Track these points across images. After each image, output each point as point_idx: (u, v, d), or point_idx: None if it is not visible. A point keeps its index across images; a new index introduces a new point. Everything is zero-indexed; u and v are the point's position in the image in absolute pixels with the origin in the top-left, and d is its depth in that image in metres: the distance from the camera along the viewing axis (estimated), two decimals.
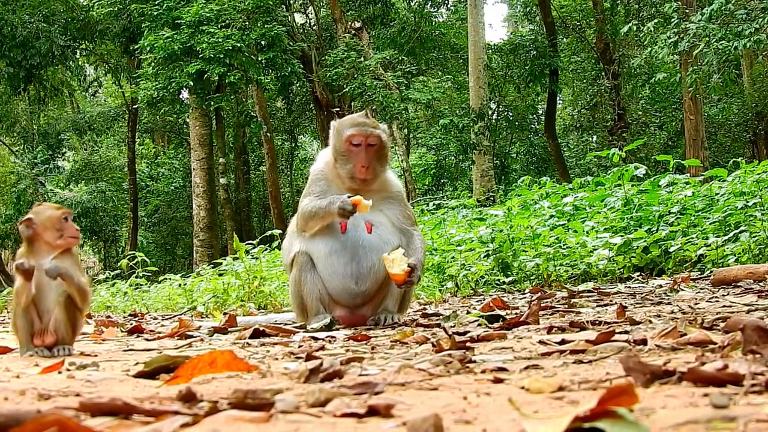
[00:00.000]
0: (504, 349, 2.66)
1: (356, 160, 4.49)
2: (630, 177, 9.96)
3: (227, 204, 23.74)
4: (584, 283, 7.61)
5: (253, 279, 8.07)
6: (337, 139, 4.58)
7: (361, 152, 4.49)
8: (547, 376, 1.93)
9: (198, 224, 21.92)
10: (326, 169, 4.68)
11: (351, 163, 4.49)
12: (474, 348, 2.68)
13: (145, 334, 4.75)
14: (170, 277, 10.62)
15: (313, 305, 4.52)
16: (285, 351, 3.05)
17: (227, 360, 2.20)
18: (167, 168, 33.85)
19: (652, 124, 26.67)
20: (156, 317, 7.80)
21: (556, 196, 11.71)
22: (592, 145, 27.83)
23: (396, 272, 4.29)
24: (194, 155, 22.10)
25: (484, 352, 2.62)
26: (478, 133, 22.67)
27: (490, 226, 9.89)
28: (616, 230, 8.73)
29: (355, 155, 4.50)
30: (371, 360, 2.56)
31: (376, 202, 4.57)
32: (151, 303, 10.41)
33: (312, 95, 24.01)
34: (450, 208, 15.02)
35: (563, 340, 2.68)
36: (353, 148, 4.50)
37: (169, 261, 32.55)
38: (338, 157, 4.55)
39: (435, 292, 7.95)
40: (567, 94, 32.06)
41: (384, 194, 4.66)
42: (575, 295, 5.80)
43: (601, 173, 14.93)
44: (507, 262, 8.70)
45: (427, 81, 22.30)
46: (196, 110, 21.61)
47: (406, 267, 4.30)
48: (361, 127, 4.55)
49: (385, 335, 3.71)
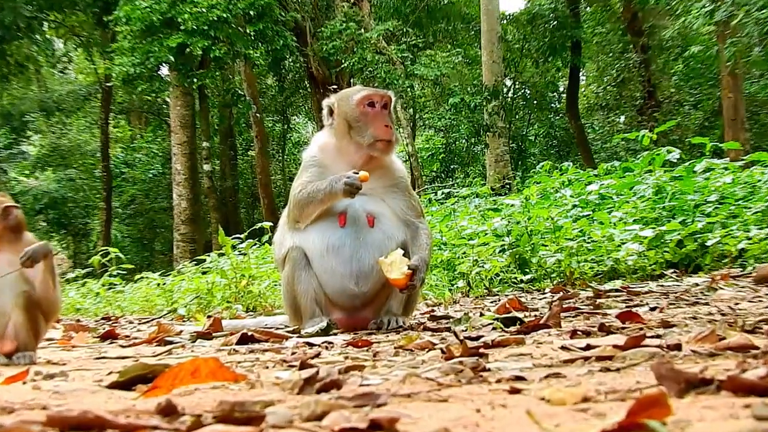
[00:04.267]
0: (522, 356, 2.66)
1: (376, 121, 4.51)
2: (662, 162, 9.94)
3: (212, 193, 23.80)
4: (611, 281, 7.59)
5: (241, 278, 8.07)
6: (345, 107, 4.59)
7: (378, 113, 4.53)
8: (570, 385, 1.92)
9: (179, 216, 21.95)
10: (321, 154, 4.68)
11: (370, 127, 4.50)
12: (488, 354, 2.68)
13: (120, 340, 4.75)
14: (148, 276, 10.64)
15: (308, 307, 4.51)
16: (276, 358, 3.05)
17: (212, 368, 2.20)
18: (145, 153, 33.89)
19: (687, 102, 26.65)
20: (132, 321, 7.81)
21: (580, 184, 11.69)
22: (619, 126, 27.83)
23: (395, 277, 4.27)
24: (175, 139, 22.14)
25: (499, 359, 2.62)
26: (492, 113, 22.66)
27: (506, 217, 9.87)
28: (646, 222, 8.71)
29: (373, 117, 4.52)
30: (373, 368, 2.56)
31: (378, 191, 4.56)
32: (126, 305, 10.42)
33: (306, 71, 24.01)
34: (461, 197, 15.02)
35: (588, 346, 2.68)
36: (369, 110, 4.54)
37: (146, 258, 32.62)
38: (352, 125, 4.53)
39: (444, 291, 7.94)
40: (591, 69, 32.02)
41: (387, 181, 4.66)
42: (601, 294, 5.79)
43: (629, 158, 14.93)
44: (525, 258, 8.68)
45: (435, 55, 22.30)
46: (177, 89, 21.62)
47: (407, 269, 4.28)
48: (373, 88, 4.66)
49: (389, 341, 3.71)
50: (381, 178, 4.62)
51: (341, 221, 4.49)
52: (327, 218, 4.50)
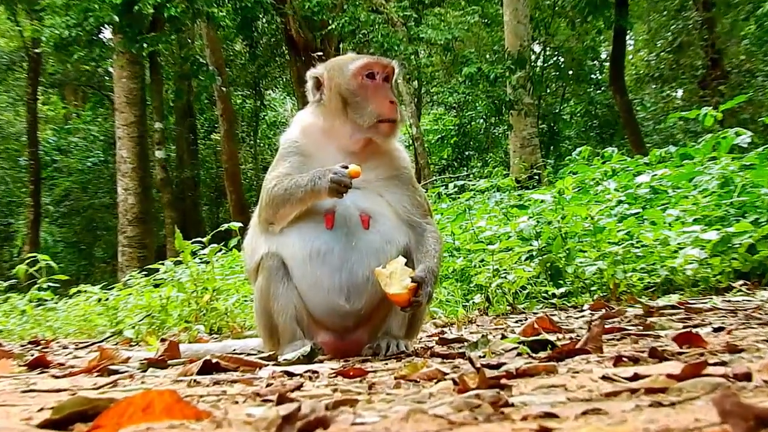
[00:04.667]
0: (553, 388, 2.67)
1: (378, 97, 4.52)
2: (729, 147, 9.95)
3: (166, 186, 23.80)
4: (666, 295, 7.62)
5: (203, 292, 8.08)
6: (339, 79, 4.60)
7: (380, 87, 4.56)
8: (614, 423, 1.94)
9: (125, 215, 21.97)
10: (304, 138, 4.67)
11: (371, 104, 4.51)
12: (511, 386, 2.69)
13: (53, 369, 4.75)
14: (86, 290, 10.65)
15: (288, 328, 4.51)
16: (248, 391, 3.06)
17: (168, 403, 2.20)
18: (82, 137, 33.90)
19: (760, 72, 26.67)
20: (66, 345, 7.81)
21: (626, 174, 11.71)
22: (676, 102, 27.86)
23: (396, 291, 4.21)
24: (120, 119, 22.14)
25: (525, 391, 2.63)
26: (517, 87, 22.67)
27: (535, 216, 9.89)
28: (710, 222, 8.73)
29: (374, 92, 4.54)
30: (368, 403, 2.57)
31: (375, 184, 4.56)
32: (59, 326, 10.42)
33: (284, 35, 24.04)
34: (478, 192, 15.04)
35: (636, 375, 2.69)
36: (369, 83, 4.56)
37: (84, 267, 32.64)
38: (349, 102, 4.53)
39: (457, 308, 7.96)
40: (641, 31, 32.06)
41: (386, 171, 4.65)
42: (653, 312, 5.81)
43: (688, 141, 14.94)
44: (558, 267, 8.70)
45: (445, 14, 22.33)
46: (123, 56, 21.62)
47: (410, 282, 4.24)
48: (372, 56, 4.68)
49: (388, 369, 3.72)
50: (379, 168, 4.62)
51: (328, 222, 4.46)
52: (311, 218, 4.47)
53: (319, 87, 4.67)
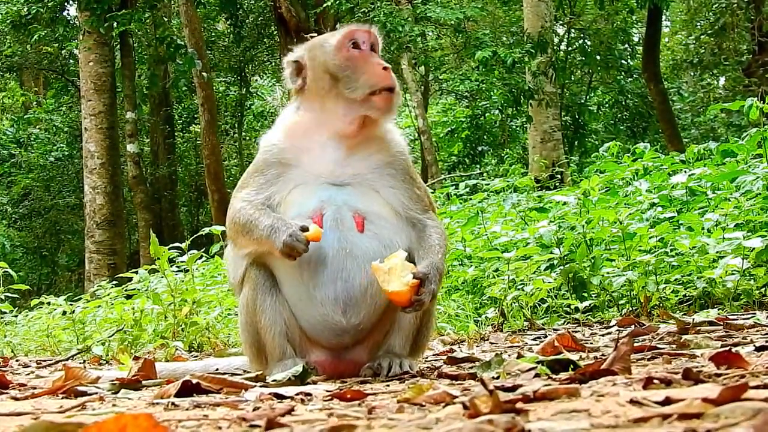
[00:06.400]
0: (575, 413, 2.69)
1: (369, 63, 4.59)
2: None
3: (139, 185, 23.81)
4: (703, 310, 7.63)
5: (181, 304, 8.10)
6: (323, 57, 4.65)
7: (368, 54, 4.62)
8: None
9: (93, 217, 21.98)
10: (287, 141, 4.69)
11: (363, 73, 4.56)
12: (528, 411, 2.72)
13: (12, 390, 4.78)
14: (49, 301, 10.66)
15: (277, 345, 4.53)
16: (232, 415, 3.09)
17: (144, 428, 2.23)
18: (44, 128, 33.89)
19: None
20: (28, 364, 7.83)
21: (661, 174, 11.72)
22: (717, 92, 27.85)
23: (395, 289, 4.22)
24: (87, 108, 22.15)
25: (543, 417, 2.66)
26: (538, 74, 22.68)
27: (556, 220, 9.91)
28: (754, 228, 8.74)
29: (363, 60, 4.60)
30: (368, 429, 2.60)
31: (368, 177, 4.56)
32: (19, 342, 10.45)
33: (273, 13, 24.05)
34: (492, 192, 15.05)
35: (668, 399, 2.71)
36: (356, 53, 4.62)
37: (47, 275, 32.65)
38: (339, 77, 4.56)
39: (468, 324, 7.98)
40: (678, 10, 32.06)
41: (379, 159, 4.68)
42: (689, 328, 5.83)
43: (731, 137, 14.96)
44: (582, 278, 8.72)
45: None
46: (90, 36, 21.64)
47: (411, 279, 4.26)
48: (353, 24, 4.79)
49: (390, 392, 3.74)
50: (372, 156, 4.66)
51: (317, 224, 4.44)
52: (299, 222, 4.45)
53: (299, 72, 4.70)
